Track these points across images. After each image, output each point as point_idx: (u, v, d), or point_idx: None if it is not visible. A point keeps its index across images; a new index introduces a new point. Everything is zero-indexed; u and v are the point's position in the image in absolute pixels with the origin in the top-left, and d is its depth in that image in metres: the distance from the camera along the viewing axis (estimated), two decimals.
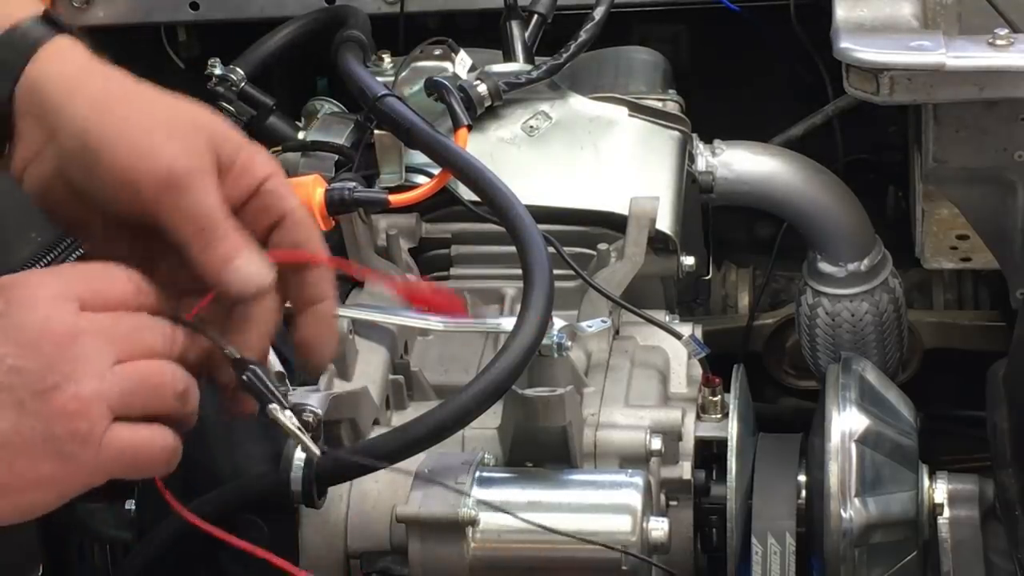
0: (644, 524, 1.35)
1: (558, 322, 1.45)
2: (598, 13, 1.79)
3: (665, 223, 1.66)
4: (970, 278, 2.22)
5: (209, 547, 1.46)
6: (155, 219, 1.09)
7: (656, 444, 1.48)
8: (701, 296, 1.93)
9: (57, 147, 1.13)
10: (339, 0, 2.01)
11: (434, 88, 1.67)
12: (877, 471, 1.57)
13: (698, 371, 1.61)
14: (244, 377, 1.12)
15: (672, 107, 1.86)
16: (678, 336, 1.61)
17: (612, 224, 1.66)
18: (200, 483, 1.44)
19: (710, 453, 1.57)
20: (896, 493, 1.57)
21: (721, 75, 2.28)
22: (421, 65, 1.72)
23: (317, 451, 1.16)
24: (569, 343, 1.46)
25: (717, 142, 1.88)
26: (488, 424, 1.45)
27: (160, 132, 1.10)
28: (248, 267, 1.10)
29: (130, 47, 2.14)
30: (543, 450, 1.43)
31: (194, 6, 2.03)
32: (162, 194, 1.08)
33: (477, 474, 1.38)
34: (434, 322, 1.59)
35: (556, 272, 1.43)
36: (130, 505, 1.49)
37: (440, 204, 1.68)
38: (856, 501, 1.54)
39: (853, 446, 1.56)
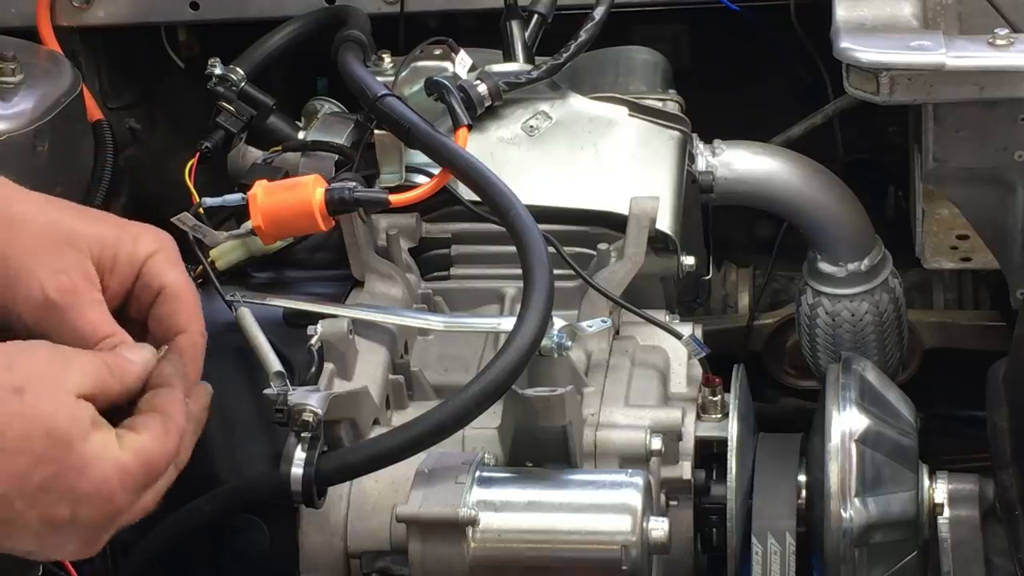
0: (644, 524, 1.35)
1: (558, 322, 1.45)
2: (598, 13, 1.79)
3: (665, 223, 1.66)
4: (970, 278, 2.22)
5: (209, 547, 1.46)
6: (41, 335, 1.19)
7: (656, 444, 1.48)
8: (701, 296, 1.93)
9: None
10: (339, 0, 2.01)
11: (434, 88, 1.67)
12: (877, 471, 1.57)
13: (698, 371, 1.61)
14: None
15: (672, 107, 1.86)
16: (678, 336, 1.61)
17: (612, 224, 1.66)
18: (200, 483, 1.44)
19: (710, 453, 1.57)
20: (896, 493, 1.57)
21: (721, 75, 2.28)
22: (421, 65, 1.72)
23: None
24: (569, 343, 1.46)
25: (717, 142, 1.88)
26: (488, 424, 1.45)
27: (35, 257, 1.20)
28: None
29: (130, 47, 2.14)
30: (543, 450, 1.43)
31: (194, 6, 2.03)
32: (42, 318, 1.19)
33: (477, 474, 1.38)
34: (434, 322, 1.59)
35: (556, 272, 1.43)
36: None
37: (440, 204, 1.68)
38: (856, 501, 1.54)
39: (853, 446, 1.56)
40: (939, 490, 1.61)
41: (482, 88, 1.71)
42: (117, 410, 1.16)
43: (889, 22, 1.75)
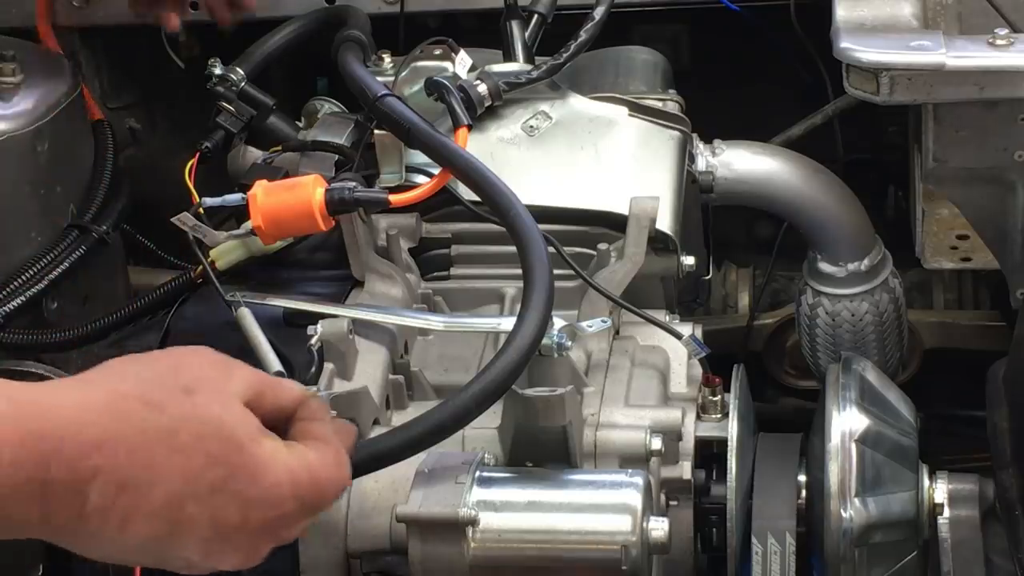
0: (644, 524, 1.35)
1: (558, 322, 1.45)
2: (598, 13, 1.79)
3: (665, 223, 1.66)
4: (970, 278, 2.22)
5: None
6: None
7: (656, 444, 1.48)
8: (701, 296, 1.93)
9: None
10: (339, 0, 2.01)
11: (434, 88, 1.67)
12: (877, 471, 1.57)
13: (698, 371, 1.61)
14: None
15: (672, 107, 1.86)
16: (678, 336, 1.61)
17: (612, 224, 1.66)
18: None
19: (710, 453, 1.57)
20: (896, 493, 1.57)
21: (721, 75, 2.28)
22: (421, 65, 1.72)
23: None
24: (569, 343, 1.46)
25: (717, 142, 1.88)
26: (488, 424, 1.45)
27: None
28: None
29: (130, 47, 2.14)
30: (543, 450, 1.43)
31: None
32: None
33: (477, 474, 1.38)
34: (434, 322, 1.59)
35: (556, 272, 1.43)
36: None
37: (440, 204, 1.68)
38: (856, 501, 1.54)
39: (853, 446, 1.56)
40: (939, 490, 1.61)
41: (482, 88, 1.71)
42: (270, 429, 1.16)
43: (889, 22, 1.75)
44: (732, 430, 1.55)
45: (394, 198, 1.56)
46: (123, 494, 1.05)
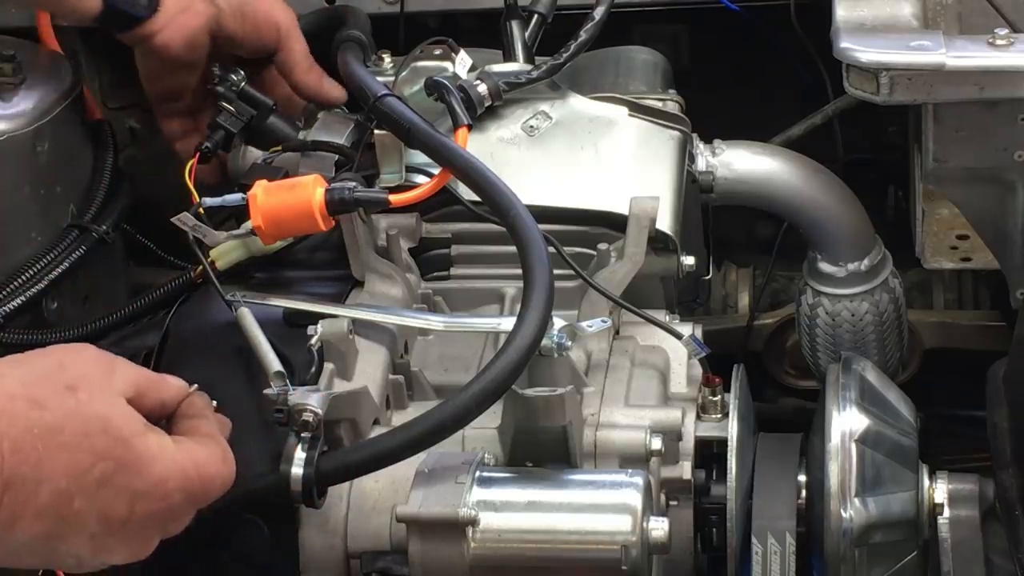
0: (644, 524, 1.35)
1: (558, 322, 1.46)
2: (598, 13, 1.79)
3: (665, 223, 1.66)
4: (970, 278, 2.22)
5: (209, 547, 1.46)
6: (276, 51, 1.76)
7: (656, 444, 1.48)
8: (701, 296, 1.93)
9: (215, 5, 1.70)
10: (339, 0, 2.01)
11: (434, 88, 1.67)
12: (877, 471, 1.57)
13: (698, 371, 1.61)
14: None
15: (672, 107, 1.86)
16: (678, 336, 1.61)
17: (612, 224, 1.66)
18: None
19: (710, 453, 1.57)
20: (896, 493, 1.57)
21: (721, 75, 2.28)
22: (421, 65, 1.72)
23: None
24: (569, 343, 1.46)
25: (717, 142, 1.88)
26: (488, 424, 1.45)
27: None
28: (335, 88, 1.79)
29: (130, 47, 2.14)
30: (543, 450, 1.43)
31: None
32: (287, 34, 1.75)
33: (477, 474, 1.38)
34: (434, 322, 1.59)
35: (556, 272, 1.43)
36: None
37: (440, 204, 1.68)
38: (856, 501, 1.54)
39: (853, 446, 1.56)
40: (939, 490, 1.62)
41: (482, 88, 1.71)
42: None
43: (889, 22, 1.75)
44: (732, 430, 1.55)
45: (394, 198, 1.56)
46: (9, 492, 1.06)
